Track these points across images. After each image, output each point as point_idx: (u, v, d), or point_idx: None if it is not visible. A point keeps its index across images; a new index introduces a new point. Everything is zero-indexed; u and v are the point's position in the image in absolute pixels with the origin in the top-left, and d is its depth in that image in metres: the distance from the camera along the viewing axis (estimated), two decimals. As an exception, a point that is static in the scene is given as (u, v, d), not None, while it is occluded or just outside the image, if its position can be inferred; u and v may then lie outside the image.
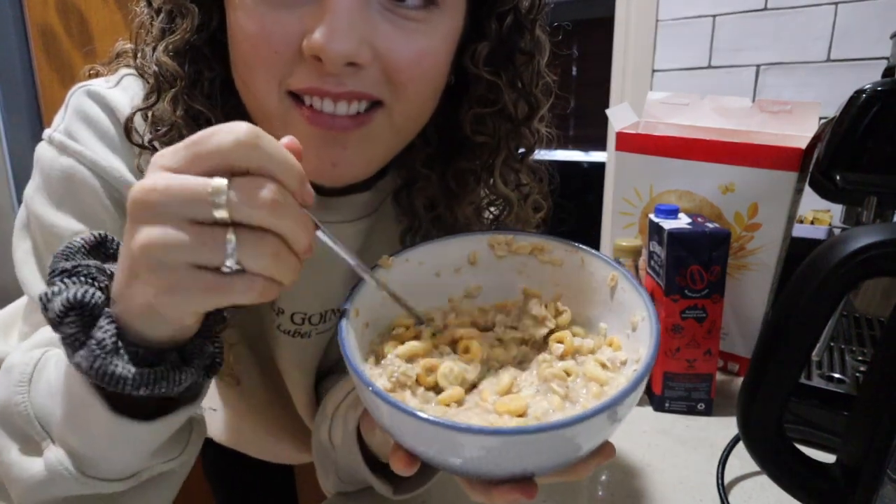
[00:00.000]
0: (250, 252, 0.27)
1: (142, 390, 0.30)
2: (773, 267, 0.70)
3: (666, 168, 0.72)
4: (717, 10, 1.43)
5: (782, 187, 0.66)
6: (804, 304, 0.37)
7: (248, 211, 0.27)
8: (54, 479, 0.34)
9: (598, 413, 0.29)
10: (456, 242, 0.43)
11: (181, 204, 0.26)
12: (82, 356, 0.29)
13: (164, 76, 0.41)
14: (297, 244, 0.29)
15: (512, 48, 0.44)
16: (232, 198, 0.26)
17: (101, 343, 0.29)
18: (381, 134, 0.41)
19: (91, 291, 0.30)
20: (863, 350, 0.67)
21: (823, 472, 0.40)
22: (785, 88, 1.39)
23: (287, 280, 0.29)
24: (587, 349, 0.39)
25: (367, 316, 0.39)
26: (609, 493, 0.53)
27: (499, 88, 0.45)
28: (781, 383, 0.39)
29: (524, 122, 0.48)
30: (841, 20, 1.29)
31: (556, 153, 0.53)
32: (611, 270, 0.39)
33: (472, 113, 0.46)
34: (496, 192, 0.49)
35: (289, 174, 0.28)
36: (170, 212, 0.26)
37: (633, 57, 1.57)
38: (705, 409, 0.65)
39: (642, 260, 0.69)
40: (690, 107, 0.75)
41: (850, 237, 0.36)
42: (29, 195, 0.45)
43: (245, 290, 0.28)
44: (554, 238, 0.42)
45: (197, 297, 0.28)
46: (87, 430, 0.33)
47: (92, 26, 1.23)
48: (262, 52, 0.37)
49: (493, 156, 0.48)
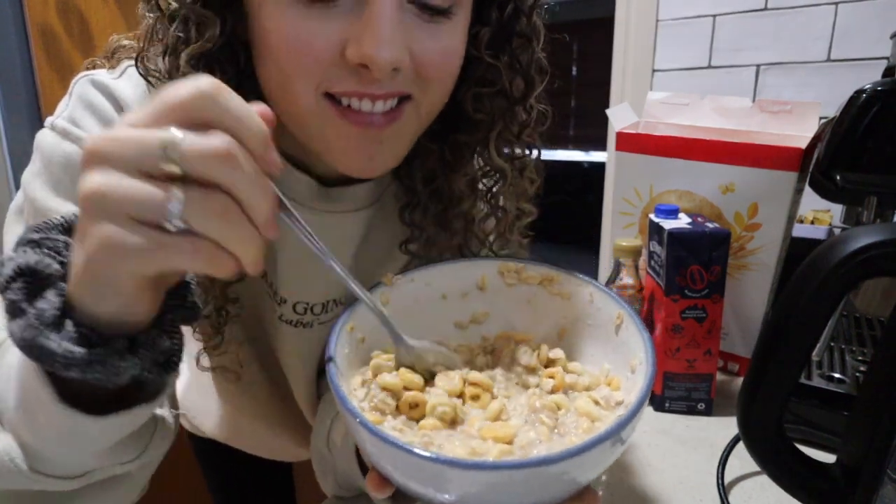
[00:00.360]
0: (197, 209, 0.25)
1: (72, 371, 0.27)
2: (773, 267, 0.70)
3: (666, 168, 0.72)
4: (717, 10, 1.43)
5: (782, 187, 0.66)
6: (804, 304, 0.37)
7: (199, 162, 0.25)
8: (1, 470, 0.33)
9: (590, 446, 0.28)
10: (465, 266, 0.43)
11: (132, 154, 0.25)
12: (17, 325, 0.27)
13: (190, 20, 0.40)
14: (254, 210, 0.26)
15: (510, 33, 0.46)
16: (183, 148, 0.25)
17: (41, 313, 0.27)
18: (410, 125, 0.43)
19: (46, 262, 0.28)
20: (863, 350, 0.67)
21: (823, 472, 0.40)
22: (785, 88, 1.39)
23: (241, 251, 0.27)
24: (582, 386, 0.38)
25: (362, 331, 0.39)
26: (609, 493, 0.53)
27: (497, 70, 0.47)
28: (781, 383, 0.39)
29: (520, 101, 0.49)
30: (841, 20, 1.29)
31: (557, 153, 0.54)
32: (618, 309, 0.39)
33: (471, 92, 0.48)
34: (491, 164, 0.51)
35: (251, 133, 0.26)
36: (120, 161, 0.25)
37: (633, 57, 1.57)
38: (705, 409, 0.65)
39: (642, 260, 0.69)
40: (690, 107, 0.75)
41: (850, 237, 0.36)
42: (27, 180, 0.44)
43: (190, 253, 0.26)
44: (564, 270, 0.42)
45: (136, 255, 0.25)
46: (35, 420, 0.31)
47: (92, 26, 1.23)
48: (302, 60, 0.38)
49: (489, 130, 0.49)
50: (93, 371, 0.28)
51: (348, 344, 0.38)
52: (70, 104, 0.45)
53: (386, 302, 0.41)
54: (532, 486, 0.29)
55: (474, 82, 0.48)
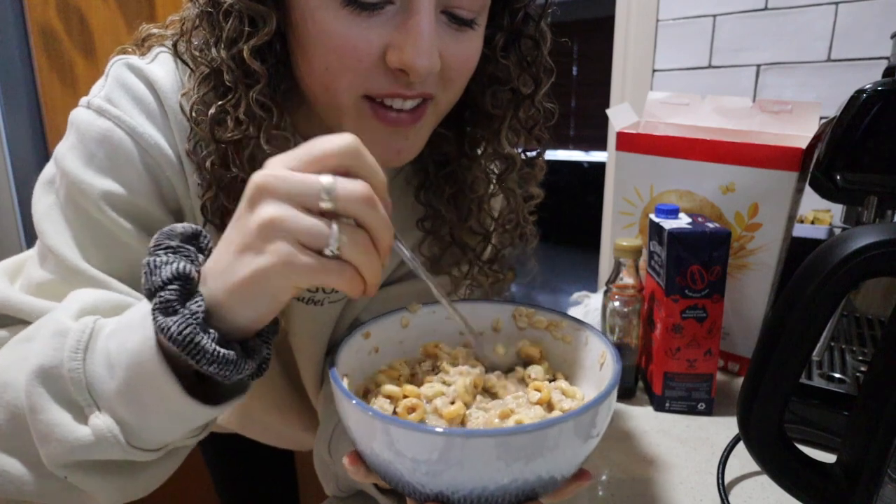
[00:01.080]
0: (347, 240, 0.32)
1: (213, 367, 0.33)
2: (773, 267, 0.70)
3: (666, 168, 0.72)
4: (718, 10, 1.43)
5: (782, 187, 0.66)
6: (804, 304, 0.37)
7: (349, 204, 0.32)
8: (100, 445, 0.36)
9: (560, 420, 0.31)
10: (483, 307, 0.48)
11: (297, 192, 0.32)
12: (174, 321, 0.32)
13: (247, 76, 0.43)
14: (381, 241, 0.34)
15: (521, 35, 0.51)
16: (338, 192, 0.32)
17: (195, 314, 0.33)
18: (430, 121, 0.48)
19: (192, 268, 0.34)
20: (863, 350, 0.67)
21: (823, 472, 0.41)
22: (785, 88, 1.39)
23: (369, 275, 0.34)
24: (563, 409, 0.40)
25: (377, 340, 0.43)
26: (609, 493, 0.53)
27: (508, 69, 0.51)
28: (781, 383, 0.39)
29: (529, 97, 0.53)
30: (841, 20, 1.29)
31: (557, 153, 0.56)
32: (603, 347, 0.41)
33: (484, 88, 0.52)
34: (500, 152, 0.55)
35: (379, 181, 0.34)
36: (288, 196, 0.32)
37: (633, 57, 1.57)
38: (705, 409, 0.65)
39: (643, 260, 0.69)
40: (691, 107, 0.75)
41: (850, 237, 0.36)
42: (61, 153, 0.46)
43: (338, 273, 0.33)
44: (567, 316, 0.46)
45: (300, 271, 0.32)
46: (143, 403, 0.35)
47: (92, 26, 1.23)
48: (347, 62, 0.42)
49: (500, 123, 0.53)
50: (226, 369, 0.34)
51: (358, 347, 0.41)
52: (107, 85, 0.46)
53: (406, 325, 0.46)
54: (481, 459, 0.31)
55: (487, 78, 0.51)
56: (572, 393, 0.41)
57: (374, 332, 0.43)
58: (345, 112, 0.44)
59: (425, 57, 0.40)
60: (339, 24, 0.40)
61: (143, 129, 0.45)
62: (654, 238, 0.66)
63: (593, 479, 0.55)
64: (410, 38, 0.40)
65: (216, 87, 0.43)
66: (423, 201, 0.58)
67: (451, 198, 0.56)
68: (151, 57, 0.48)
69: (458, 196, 0.56)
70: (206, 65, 0.43)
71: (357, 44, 0.41)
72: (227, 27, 0.42)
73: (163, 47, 0.48)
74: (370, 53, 0.41)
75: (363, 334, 0.42)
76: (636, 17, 1.54)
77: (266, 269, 0.32)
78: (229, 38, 0.42)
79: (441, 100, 0.47)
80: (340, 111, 0.45)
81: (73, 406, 0.36)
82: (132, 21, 0.44)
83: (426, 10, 0.40)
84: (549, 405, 0.40)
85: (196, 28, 0.44)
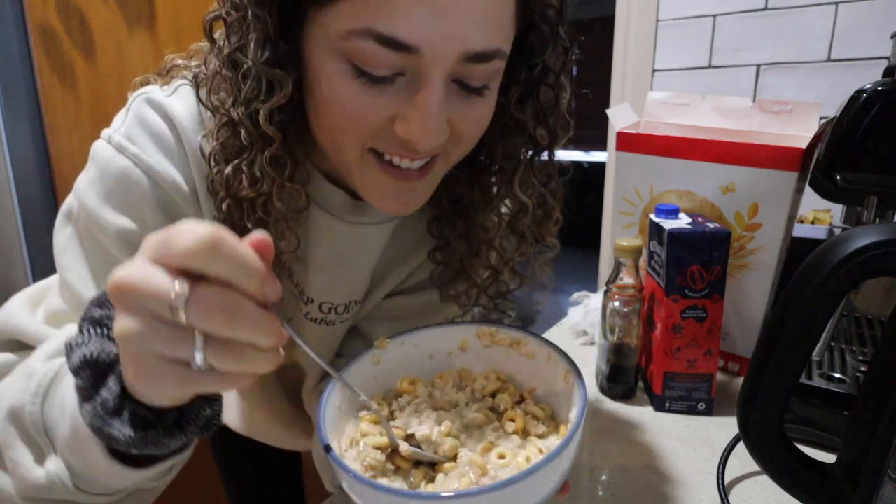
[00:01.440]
0: (215, 354, 0.28)
1: (132, 450, 0.32)
2: (773, 267, 0.70)
3: (666, 168, 0.72)
4: (718, 10, 1.43)
5: (782, 187, 0.66)
6: (804, 304, 0.37)
7: (205, 323, 0.27)
8: (52, 488, 0.37)
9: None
10: (448, 330, 0.50)
11: (150, 301, 0.27)
12: (86, 410, 0.32)
13: (262, 137, 0.44)
14: (262, 345, 0.29)
15: (539, 88, 0.50)
16: (190, 308, 0.27)
17: (104, 403, 0.32)
18: (440, 171, 0.48)
19: (107, 350, 0.32)
20: (863, 350, 0.67)
21: (823, 472, 0.41)
22: (785, 88, 1.39)
23: (262, 370, 0.30)
24: (537, 434, 0.42)
25: (353, 385, 0.44)
26: (609, 493, 0.53)
27: (523, 122, 0.50)
28: (781, 383, 0.39)
29: (545, 149, 0.53)
30: (841, 20, 1.29)
31: (557, 153, 0.56)
32: (566, 367, 0.43)
33: (497, 138, 0.52)
34: (514, 198, 0.55)
35: (248, 279, 0.28)
36: (142, 305, 0.27)
37: (633, 57, 1.57)
38: (705, 409, 0.65)
39: (642, 260, 0.69)
40: (691, 107, 0.75)
41: (850, 237, 0.36)
42: (81, 187, 0.47)
43: (215, 385, 0.29)
44: (529, 333, 0.48)
45: (169, 386, 0.29)
46: (85, 457, 0.36)
47: (92, 26, 1.22)
48: (355, 125, 0.42)
49: (514, 171, 0.53)
50: (147, 448, 0.33)
51: (339, 398, 0.43)
52: (127, 121, 0.47)
53: (378, 362, 0.47)
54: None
55: (501, 128, 0.51)
56: (541, 413, 0.44)
57: (350, 380, 0.44)
58: (351, 163, 0.45)
59: (432, 134, 0.41)
60: (351, 93, 0.41)
61: (161, 166, 0.46)
62: (654, 238, 0.66)
63: (592, 480, 0.55)
64: (418, 113, 0.40)
65: (233, 140, 0.44)
66: (434, 233, 0.58)
67: (463, 233, 0.57)
68: (172, 89, 0.49)
69: (470, 232, 0.57)
70: (224, 115, 0.44)
71: (367, 112, 0.41)
72: (245, 88, 0.43)
73: (184, 80, 0.49)
74: (378, 121, 0.42)
75: (340, 387, 0.43)
76: (636, 17, 1.54)
77: (132, 383, 0.30)
78: (247, 98, 0.43)
79: (451, 155, 0.47)
80: (346, 162, 0.45)
81: (34, 446, 0.38)
82: (132, 21, 0.44)
83: (435, 84, 0.40)
84: (524, 432, 0.43)
85: (216, 81, 0.45)
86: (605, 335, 0.69)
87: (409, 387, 0.47)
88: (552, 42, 0.47)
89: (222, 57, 0.43)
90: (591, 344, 0.86)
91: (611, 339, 0.68)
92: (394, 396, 0.47)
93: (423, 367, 0.49)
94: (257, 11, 0.41)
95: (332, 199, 0.52)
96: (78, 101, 1.26)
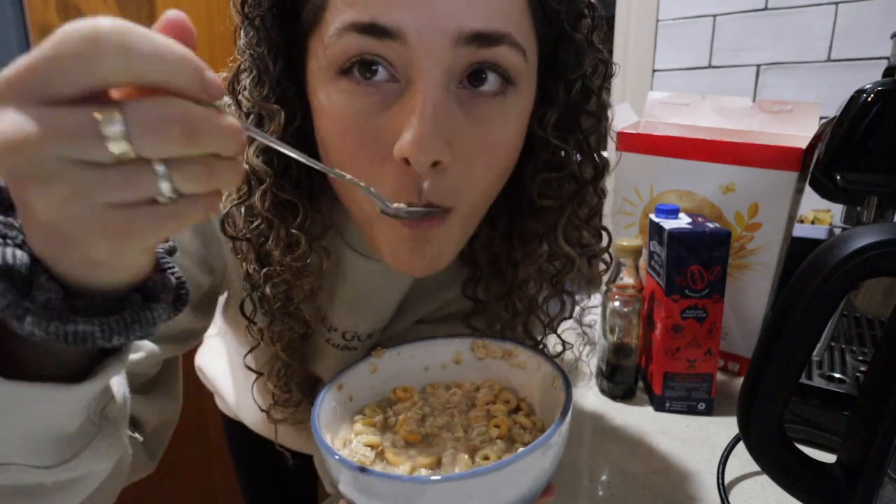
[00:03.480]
0: (183, 177, 0.22)
1: (114, 339, 0.26)
2: (773, 267, 0.70)
3: (666, 168, 0.72)
4: (718, 10, 1.43)
5: (782, 187, 0.66)
6: (804, 304, 0.37)
7: (159, 145, 0.21)
8: None
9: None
10: (443, 343, 0.51)
11: (69, 148, 0.20)
12: (32, 322, 0.24)
13: (254, 174, 0.42)
14: (227, 152, 0.24)
15: (579, 112, 0.45)
16: (134, 134, 0.21)
17: (49, 303, 0.25)
18: (454, 231, 0.43)
19: (10, 252, 0.25)
20: (863, 350, 0.67)
21: (823, 472, 0.41)
22: (785, 88, 1.39)
23: (235, 181, 0.25)
24: (524, 442, 0.42)
25: (350, 390, 0.46)
26: (609, 493, 0.53)
27: (566, 153, 0.45)
28: (781, 383, 0.39)
29: (590, 184, 0.48)
30: (841, 20, 1.29)
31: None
32: (554, 372, 0.44)
33: (540, 178, 0.46)
34: (559, 250, 0.49)
35: (182, 76, 0.21)
36: (56, 158, 0.20)
37: (633, 57, 1.56)
38: (705, 409, 0.65)
39: (642, 260, 0.69)
40: (691, 107, 0.75)
41: (850, 237, 0.36)
42: None
43: (193, 211, 0.24)
44: (520, 345, 0.49)
45: (145, 233, 0.23)
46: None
47: (92, 26, 1.23)
48: (357, 158, 0.39)
49: (558, 216, 0.48)
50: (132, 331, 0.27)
51: (335, 399, 0.44)
52: None
53: (374, 370, 0.48)
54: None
55: (542, 166, 0.46)
56: (529, 424, 0.44)
57: (346, 384, 0.46)
58: (364, 219, 0.43)
59: (427, 146, 0.35)
60: (350, 118, 0.38)
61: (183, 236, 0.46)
62: (654, 238, 0.66)
63: (592, 480, 0.55)
64: (409, 124, 0.35)
65: (239, 189, 0.44)
66: (470, 295, 0.55)
67: (500, 296, 0.53)
68: None
69: (510, 295, 0.52)
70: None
71: (366, 139, 0.38)
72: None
73: None
74: (380, 146, 0.37)
75: (337, 386, 0.45)
76: (636, 17, 1.54)
77: (105, 247, 0.24)
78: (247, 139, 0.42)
79: (464, 207, 0.41)
80: (361, 213, 0.43)
81: None
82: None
83: (428, 78, 0.35)
84: (510, 438, 0.43)
85: None
86: (605, 335, 0.69)
87: (403, 394, 0.48)
88: (586, 52, 0.42)
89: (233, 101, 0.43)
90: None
91: (611, 339, 0.68)
92: (388, 405, 0.48)
93: (419, 379, 0.50)
94: (258, 50, 0.40)
95: (359, 237, 0.50)
96: (78, 101, 1.26)
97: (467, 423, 0.45)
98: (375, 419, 0.44)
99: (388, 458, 0.41)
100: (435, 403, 0.47)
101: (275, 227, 0.44)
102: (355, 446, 0.41)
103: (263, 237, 0.44)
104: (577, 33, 0.42)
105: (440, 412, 0.46)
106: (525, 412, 0.46)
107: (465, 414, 0.46)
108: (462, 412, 0.47)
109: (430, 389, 0.49)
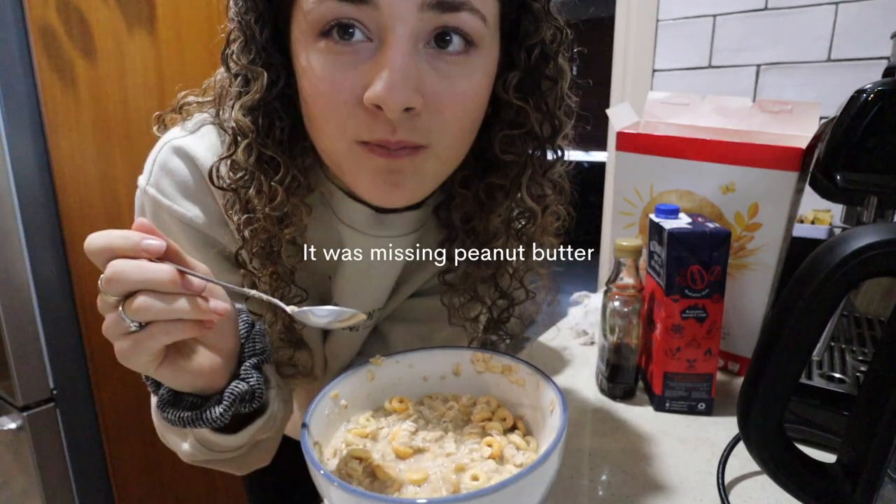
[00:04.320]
0: (131, 313, 0.37)
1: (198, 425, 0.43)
2: (773, 267, 0.70)
3: (666, 168, 0.72)
4: (718, 10, 1.43)
5: (783, 187, 0.66)
6: (804, 304, 0.37)
7: (136, 316, 0.37)
8: (196, 455, 0.49)
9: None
10: (443, 353, 0.51)
11: (113, 326, 0.38)
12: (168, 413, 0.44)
13: (239, 130, 0.47)
14: (162, 289, 0.37)
15: (538, 75, 0.49)
16: (132, 314, 0.37)
17: (161, 397, 0.44)
18: (430, 165, 0.47)
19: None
20: (863, 350, 0.67)
21: (823, 472, 0.41)
22: (785, 88, 1.39)
23: (196, 314, 0.38)
24: (516, 464, 0.42)
25: (345, 398, 0.47)
26: (609, 493, 0.53)
27: (526, 112, 0.50)
28: (781, 383, 0.39)
29: (548, 141, 0.52)
30: (841, 20, 1.29)
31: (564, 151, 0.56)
32: (552, 396, 0.43)
33: (502, 135, 0.51)
34: (523, 205, 0.54)
35: (156, 284, 0.36)
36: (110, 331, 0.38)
37: (633, 57, 1.57)
38: (705, 409, 0.65)
39: (642, 260, 0.69)
40: (691, 107, 0.75)
41: (850, 237, 0.36)
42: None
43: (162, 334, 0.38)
44: (521, 361, 0.49)
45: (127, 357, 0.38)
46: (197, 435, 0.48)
47: (92, 26, 1.22)
48: (333, 108, 0.43)
49: (521, 173, 0.52)
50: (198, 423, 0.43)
51: (328, 407, 0.45)
52: (154, 171, 0.52)
53: (371, 378, 0.48)
54: None
55: (505, 125, 0.51)
56: (524, 445, 0.44)
57: (342, 392, 0.46)
58: (342, 157, 0.46)
59: (397, 91, 0.40)
60: (325, 73, 0.42)
61: (191, 213, 0.52)
62: (654, 238, 0.66)
63: (592, 480, 0.55)
64: (380, 74, 0.40)
65: (229, 146, 0.48)
66: (446, 255, 0.59)
67: (473, 254, 0.57)
68: (196, 127, 0.53)
69: (480, 252, 0.57)
70: (228, 127, 0.48)
71: (339, 89, 0.42)
72: (233, 90, 0.47)
73: (207, 114, 0.53)
74: (353, 95, 0.42)
75: (332, 395, 0.45)
76: (636, 17, 1.54)
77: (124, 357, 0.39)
78: (233, 98, 0.47)
79: (438, 147, 0.46)
80: (337, 156, 0.47)
81: (177, 433, 0.50)
82: (132, 21, 0.45)
83: (398, 38, 0.40)
84: (501, 458, 0.42)
85: (224, 96, 0.49)
86: (605, 335, 0.69)
87: (398, 405, 0.48)
88: (543, 20, 0.47)
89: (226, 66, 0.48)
90: (591, 344, 0.86)
91: (611, 339, 0.68)
92: (383, 415, 0.48)
93: (416, 389, 0.50)
94: (246, 18, 0.45)
95: (354, 214, 0.54)
96: (78, 101, 1.26)
97: (460, 439, 0.44)
98: (367, 430, 0.44)
99: (376, 472, 0.41)
100: (430, 416, 0.47)
101: (256, 178, 0.47)
102: (345, 457, 0.41)
103: (245, 188, 0.48)
104: (535, 3, 0.47)
105: (434, 425, 0.46)
106: (522, 432, 0.46)
107: (459, 429, 0.46)
108: (457, 427, 0.46)
109: (428, 401, 0.49)
